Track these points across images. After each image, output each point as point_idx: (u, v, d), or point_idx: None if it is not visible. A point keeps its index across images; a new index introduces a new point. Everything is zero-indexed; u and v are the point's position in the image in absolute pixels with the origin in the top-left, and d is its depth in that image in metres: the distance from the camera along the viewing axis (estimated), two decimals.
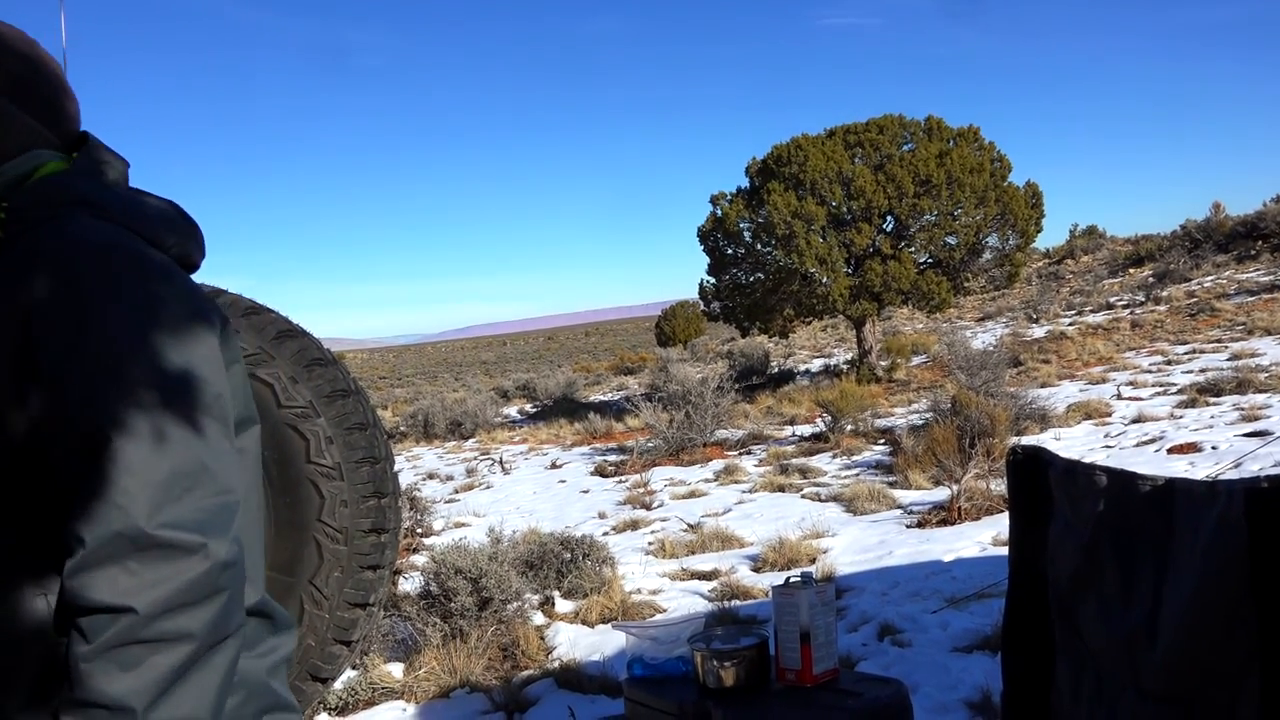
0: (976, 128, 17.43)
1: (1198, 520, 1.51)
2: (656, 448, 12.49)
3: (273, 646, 1.26)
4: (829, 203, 17.06)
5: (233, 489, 1.11)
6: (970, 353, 14.37)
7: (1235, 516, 1.43)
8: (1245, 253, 24.16)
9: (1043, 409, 10.94)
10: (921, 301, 17.49)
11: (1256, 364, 12.23)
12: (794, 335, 24.59)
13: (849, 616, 5.30)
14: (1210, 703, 1.49)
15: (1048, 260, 33.55)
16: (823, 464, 10.54)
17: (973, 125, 17.43)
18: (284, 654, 1.28)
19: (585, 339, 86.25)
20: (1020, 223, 17.35)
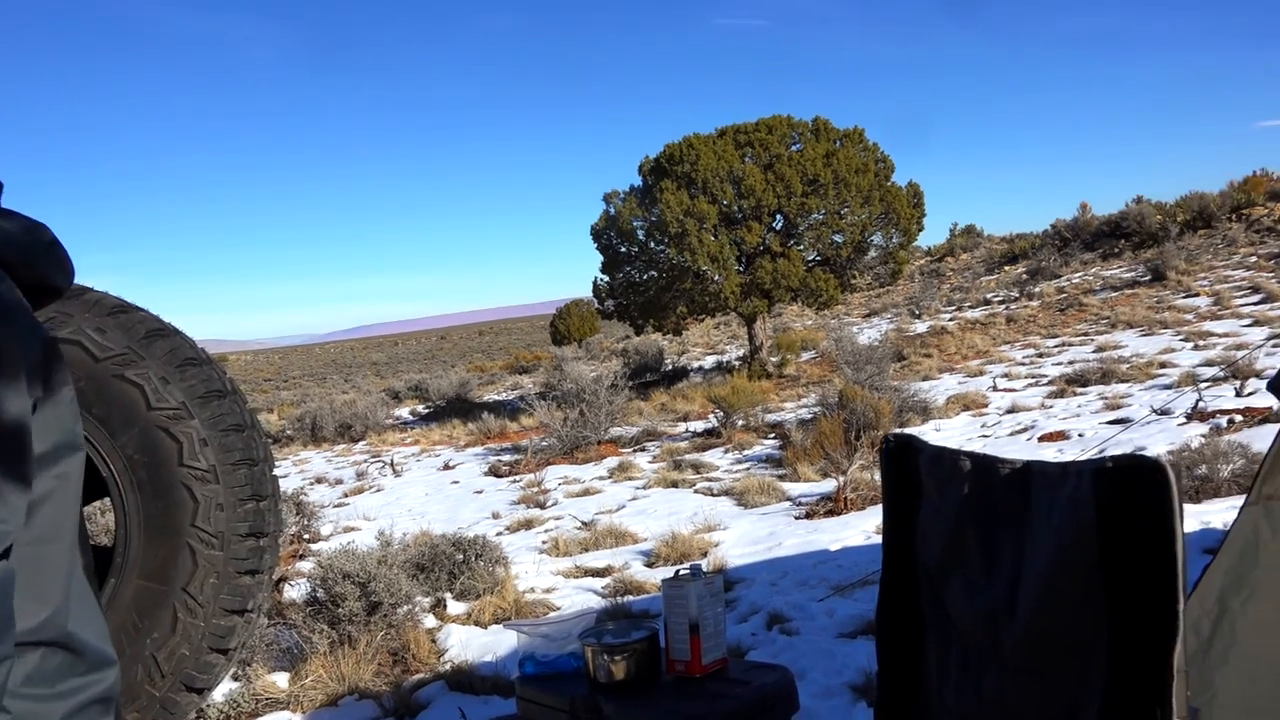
0: (861, 129, 17.93)
1: (1052, 500, 1.59)
2: (551, 446, 12.45)
3: (76, 686, 1.16)
4: (720, 201, 17.30)
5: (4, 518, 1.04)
6: (857, 348, 14.78)
7: (1084, 495, 1.51)
8: (1110, 250, 25.52)
9: (924, 401, 11.35)
10: (810, 298, 17.90)
11: (1119, 355, 12.93)
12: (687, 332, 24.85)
13: (739, 607, 5.39)
14: (1065, 671, 1.58)
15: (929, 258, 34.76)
16: (715, 459, 10.69)
17: (858, 126, 17.93)
18: (93, 695, 1.17)
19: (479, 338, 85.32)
20: (903, 222, 17.93)
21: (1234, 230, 23.30)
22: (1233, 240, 22.57)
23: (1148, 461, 1.43)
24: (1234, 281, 18.10)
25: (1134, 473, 1.45)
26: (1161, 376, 11.01)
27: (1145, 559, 1.44)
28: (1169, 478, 1.40)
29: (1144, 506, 1.43)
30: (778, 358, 18.72)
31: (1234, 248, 21.96)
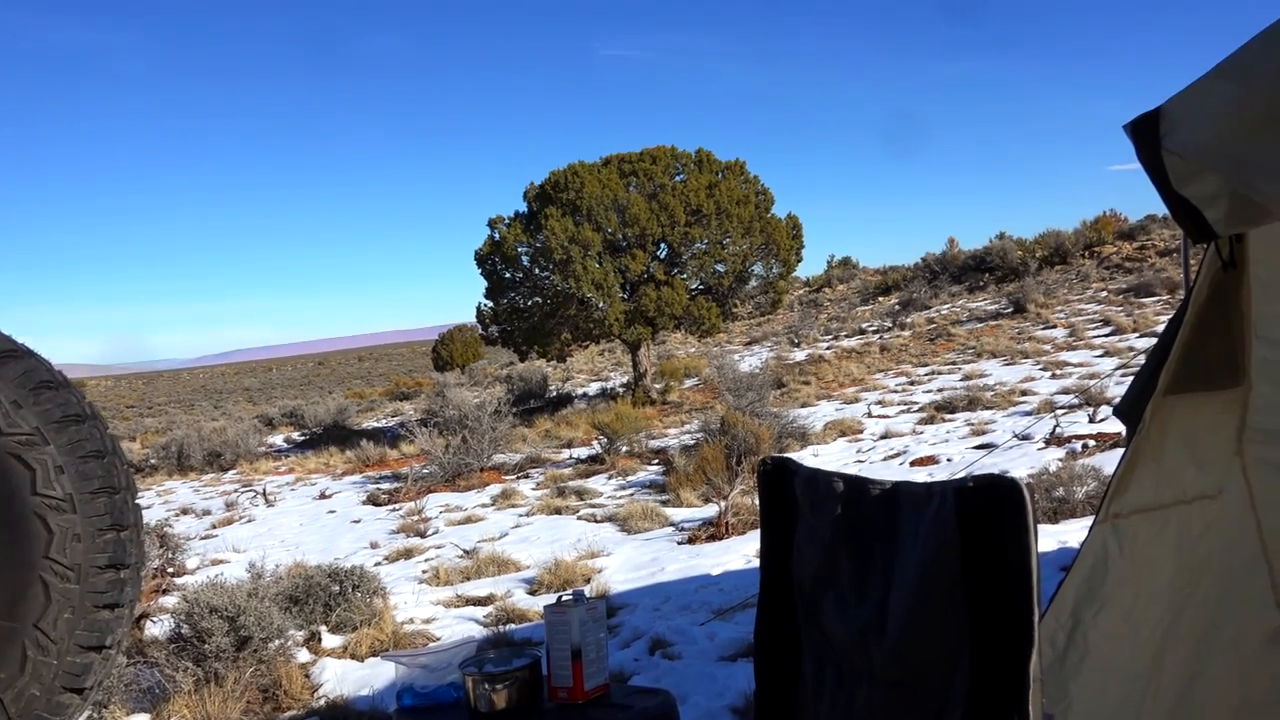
0: (743, 161, 18.37)
1: (918, 519, 1.67)
2: (432, 474, 12.23)
3: None
4: (605, 229, 17.43)
5: None
6: (738, 375, 15.06)
7: (947, 514, 1.59)
8: (975, 283, 26.78)
9: (803, 427, 11.64)
10: (693, 326, 18.17)
11: (984, 383, 13.55)
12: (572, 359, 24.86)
13: (622, 633, 5.39)
14: (932, 683, 1.64)
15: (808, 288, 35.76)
16: (599, 485, 10.69)
17: (739, 159, 18.37)
18: None
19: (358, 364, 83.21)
20: (783, 253, 18.41)
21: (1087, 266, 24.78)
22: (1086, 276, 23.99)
23: (1005, 481, 1.52)
24: (1087, 314, 19.22)
25: (992, 491, 1.53)
26: (1023, 404, 11.58)
27: (1003, 573, 1.52)
28: (1024, 496, 1.48)
29: (1002, 523, 1.51)
30: (661, 384, 18.90)
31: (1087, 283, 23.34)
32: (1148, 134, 1.99)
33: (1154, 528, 2.29)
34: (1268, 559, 2.60)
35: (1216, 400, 2.32)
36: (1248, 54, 1.85)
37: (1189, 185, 1.97)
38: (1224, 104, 1.85)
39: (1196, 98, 1.93)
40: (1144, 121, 2.00)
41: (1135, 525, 2.26)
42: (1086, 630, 2.25)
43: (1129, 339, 15.33)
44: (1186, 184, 1.97)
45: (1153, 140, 1.98)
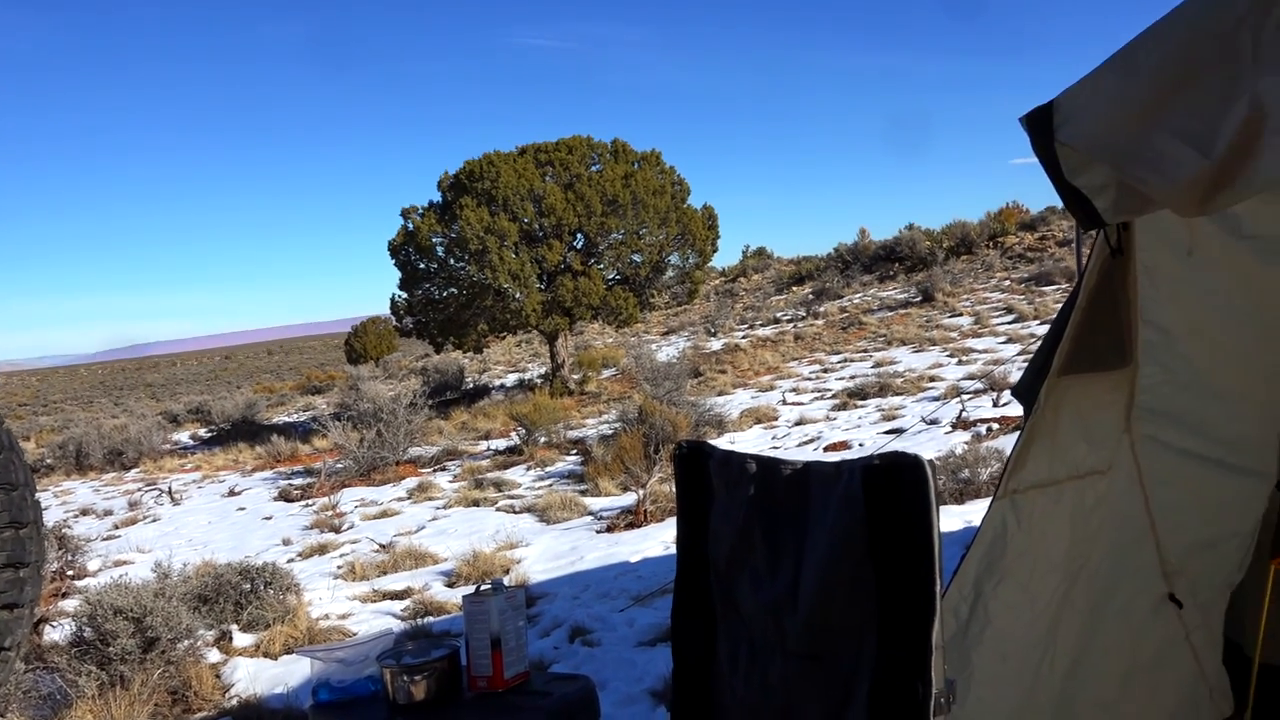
0: (658, 152, 18.44)
1: (828, 497, 1.72)
2: (346, 468, 12.02)
3: None
4: (521, 219, 17.32)
5: None
6: (656, 365, 15.15)
7: (855, 491, 1.65)
8: (886, 273, 27.42)
9: (720, 415, 11.78)
10: (611, 316, 18.20)
11: (894, 370, 13.90)
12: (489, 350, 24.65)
13: (542, 622, 5.40)
14: (841, 654, 1.70)
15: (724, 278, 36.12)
16: (517, 476, 10.66)
17: (655, 150, 18.43)
18: None
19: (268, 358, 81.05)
20: (699, 243, 18.56)
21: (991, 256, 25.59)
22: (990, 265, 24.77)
23: (908, 459, 1.58)
24: (991, 303, 19.86)
25: (897, 469, 1.59)
26: (931, 389, 11.92)
27: (908, 546, 1.58)
28: (926, 472, 1.55)
29: (906, 499, 1.57)
30: (579, 375, 18.90)
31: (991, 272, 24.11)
32: (1042, 126, 2.08)
33: (1049, 502, 2.40)
34: (1155, 531, 2.75)
35: (1106, 380, 2.44)
36: (1133, 50, 1.95)
37: (1080, 175, 2.06)
38: (1111, 98, 1.95)
39: (1087, 92, 2.02)
40: (1038, 114, 2.09)
41: (1032, 500, 2.36)
42: (987, 601, 2.35)
43: (1030, 325, 15.89)
44: (1078, 174, 2.06)
45: (1046, 132, 2.07)
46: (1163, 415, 2.61)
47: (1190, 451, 2.70)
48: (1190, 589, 2.83)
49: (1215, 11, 1.79)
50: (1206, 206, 1.81)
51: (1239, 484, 2.85)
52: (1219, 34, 1.77)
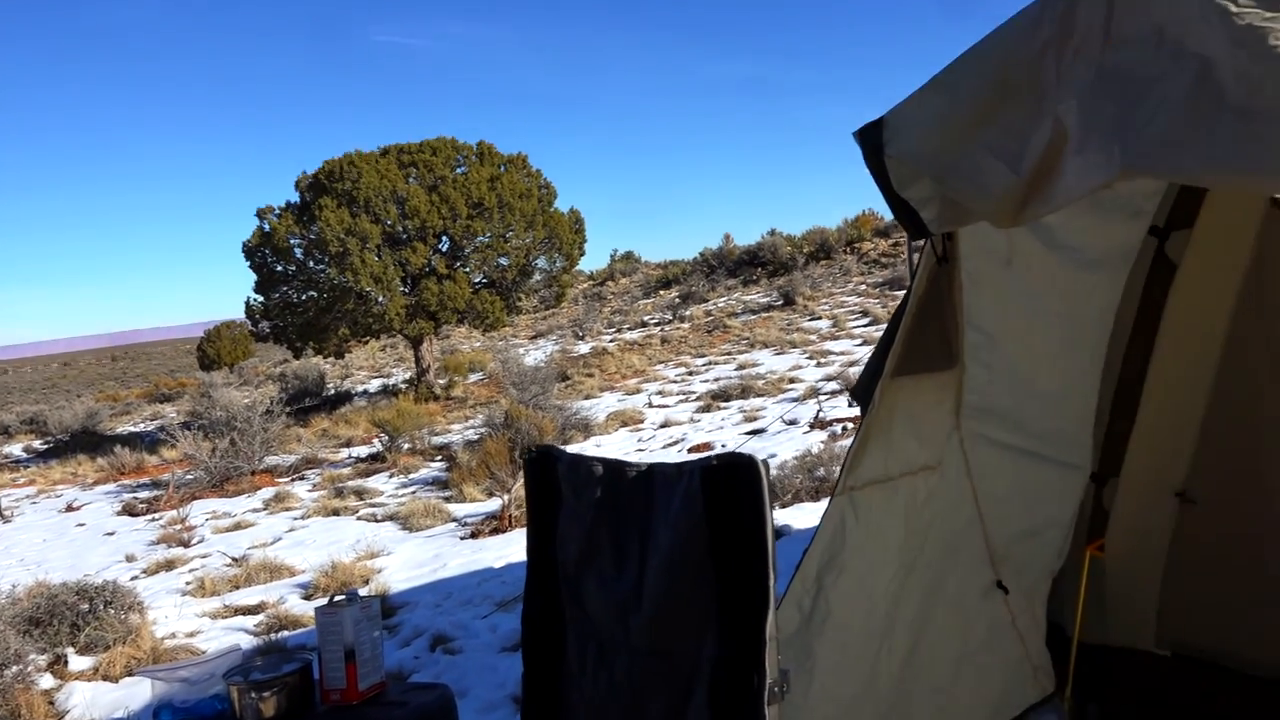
0: (525, 155, 18.37)
1: (670, 497, 1.77)
2: (197, 480, 11.50)
3: None
4: (384, 221, 16.94)
5: None
6: (523, 369, 15.08)
7: (695, 491, 1.70)
8: (749, 277, 28.08)
9: (586, 418, 11.83)
10: (477, 320, 18.00)
11: (756, 372, 14.26)
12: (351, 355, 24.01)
13: (402, 632, 5.32)
14: (684, 650, 1.76)
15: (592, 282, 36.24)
16: (380, 484, 10.43)
17: (521, 153, 18.35)
18: None
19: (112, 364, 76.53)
20: (566, 246, 18.58)
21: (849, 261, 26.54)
22: (848, 270, 25.69)
23: (743, 459, 1.64)
24: (849, 306, 20.60)
25: (733, 469, 1.65)
26: (791, 390, 12.28)
27: (744, 543, 1.64)
28: (760, 471, 1.62)
29: (742, 497, 1.64)
30: (445, 380, 18.62)
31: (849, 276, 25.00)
32: (872, 141, 2.20)
33: (885, 498, 2.53)
34: (983, 521, 2.93)
35: (935, 381, 2.59)
36: (952, 72, 2.09)
37: (908, 188, 2.19)
38: (933, 115, 2.08)
39: (912, 109, 2.15)
40: (869, 130, 2.21)
41: (869, 496, 2.49)
42: (828, 594, 2.46)
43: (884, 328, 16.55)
44: (905, 187, 2.19)
45: (876, 147, 2.19)
46: (987, 413, 2.79)
47: (1013, 446, 2.89)
48: (1016, 575, 3.03)
49: (1024, 38, 1.93)
50: (1019, 218, 1.94)
51: (1057, 476, 3.07)
52: (1027, 59, 1.91)
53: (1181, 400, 3.10)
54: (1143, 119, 1.64)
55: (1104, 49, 1.79)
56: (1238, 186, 1.57)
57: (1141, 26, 1.72)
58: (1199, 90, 1.57)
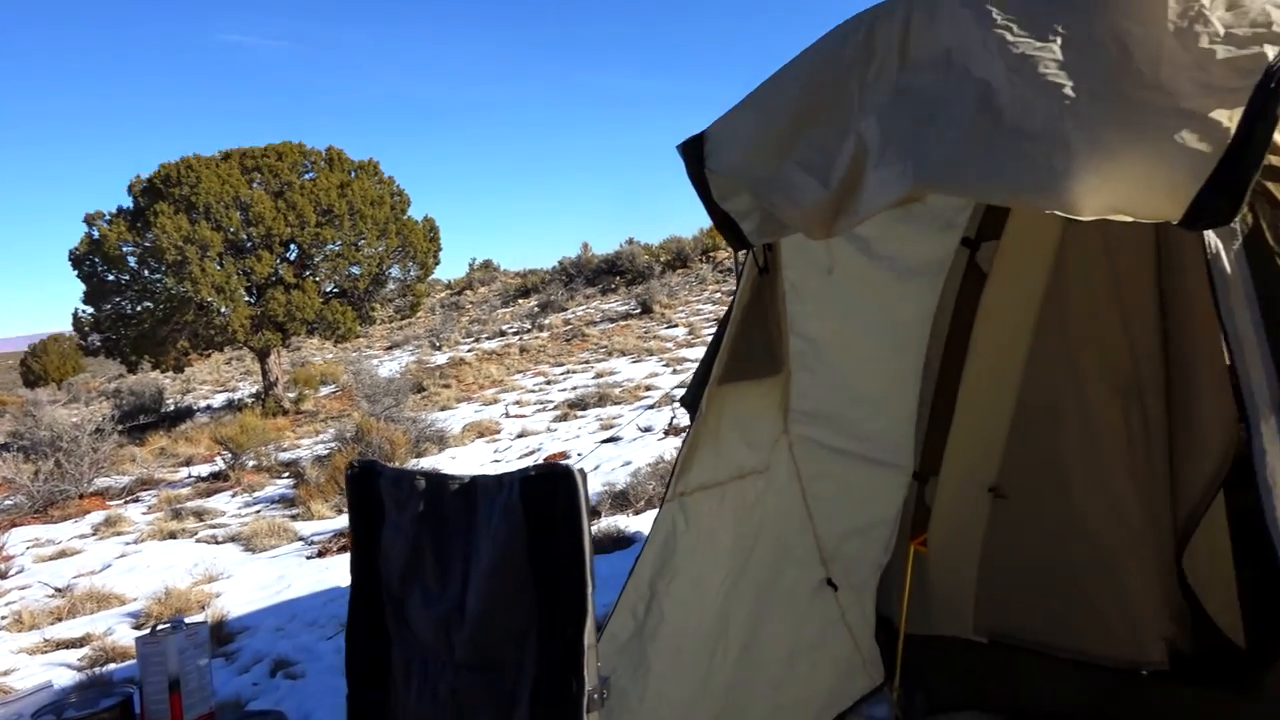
0: (376, 161, 17.96)
1: (492, 508, 1.77)
2: (17, 505, 10.71)
3: None
4: (226, 228, 16.23)
5: None
6: (377, 381, 14.71)
7: (514, 502, 1.70)
8: (608, 286, 28.25)
9: (441, 431, 11.62)
10: (328, 331, 17.47)
11: (614, 380, 14.35)
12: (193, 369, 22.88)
13: (241, 658, 5.10)
14: (507, 662, 1.75)
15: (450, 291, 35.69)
16: (222, 504, 9.97)
17: (373, 159, 17.93)
18: None
19: None
20: (420, 255, 18.25)
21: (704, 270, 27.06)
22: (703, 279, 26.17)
23: (560, 468, 1.66)
24: (704, 314, 20.98)
25: (551, 479, 1.66)
26: (647, 398, 12.41)
27: (562, 553, 1.65)
28: (577, 481, 1.63)
29: (560, 507, 1.65)
30: (295, 393, 17.97)
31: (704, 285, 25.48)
32: (694, 155, 2.25)
33: (714, 502, 2.59)
34: (812, 522, 3.04)
35: (761, 387, 2.67)
36: (766, 89, 2.17)
37: (728, 200, 2.26)
38: (749, 131, 2.15)
39: (730, 124, 2.22)
40: (691, 144, 2.26)
41: (699, 501, 2.55)
42: (662, 599, 2.50)
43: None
44: (726, 199, 2.25)
45: (698, 160, 2.25)
46: (814, 416, 2.90)
47: (838, 449, 3.01)
48: (844, 573, 3.15)
49: (830, 59, 2.02)
50: (831, 231, 2.03)
51: (882, 476, 3.22)
52: (833, 79, 2.00)
53: (993, 401, 3.30)
54: (933, 137, 1.74)
55: (900, 71, 1.90)
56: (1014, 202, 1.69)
57: (933, 51, 1.84)
58: (980, 112, 1.69)
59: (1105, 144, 1.52)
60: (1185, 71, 1.50)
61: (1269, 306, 1.53)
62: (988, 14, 1.72)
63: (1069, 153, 1.54)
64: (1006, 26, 1.69)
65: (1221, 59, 1.47)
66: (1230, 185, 1.44)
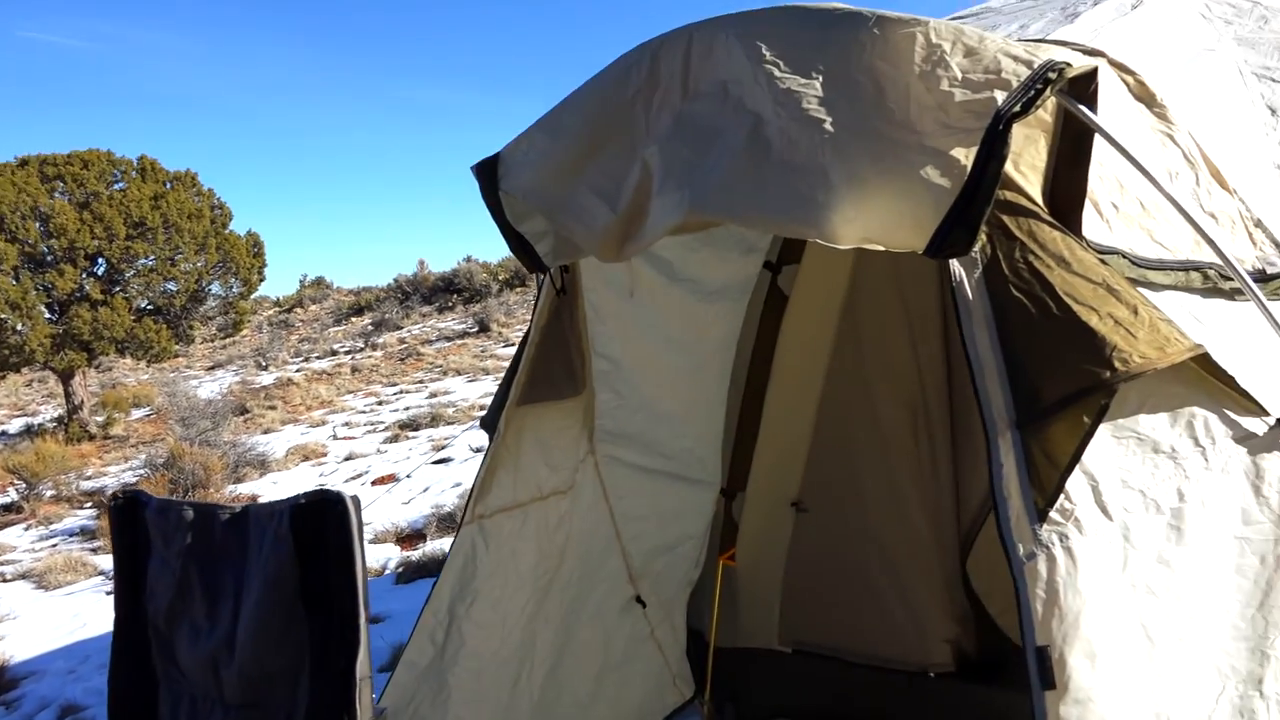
0: (194, 172, 17.04)
1: (263, 539, 1.70)
2: None
3: None
4: (23, 240, 15.03)
5: None
6: (195, 403, 13.93)
7: (284, 532, 1.64)
8: (445, 304, 27.79)
9: (263, 454, 11.11)
10: (140, 350, 16.41)
11: (448, 400, 14.11)
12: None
13: (24, 706, 4.71)
14: (277, 701, 1.68)
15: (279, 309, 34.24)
16: (13, 538, 9.18)
17: (190, 170, 17.00)
18: None
19: None
20: (243, 271, 17.43)
21: None
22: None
23: (332, 495, 1.61)
24: None
25: (322, 507, 1.61)
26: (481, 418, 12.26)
27: (334, 583, 1.61)
28: (348, 508, 1.59)
29: (331, 536, 1.60)
30: (103, 416, 16.78)
31: None
32: (488, 176, 2.25)
33: (516, 524, 2.58)
34: (620, 540, 3.07)
35: (562, 408, 2.68)
36: (558, 113, 2.19)
37: (523, 222, 2.26)
38: (541, 154, 2.17)
39: (523, 147, 2.23)
40: (486, 165, 2.26)
41: (499, 523, 2.53)
42: (461, 624, 2.46)
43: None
44: (521, 221, 2.26)
45: (492, 181, 2.24)
46: (620, 436, 2.93)
47: (645, 467, 3.06)
48: (653, 589, 3.20)
49: (617, 86, 2.06)
50: (621, 255, 2.06)
51: (690, 493, 3.28)
52: (620, 105, 2.04)
53: (795, 419, 3.43)
54: (709, 166, 1.80)
55: (683, 100, 1.95)
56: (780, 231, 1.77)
57: (711, 81, 1.90)
58: (752, 143, 1.76)
59: (860, 177, 1.61)
60: (929, 111, 1.61)
61: (1005, 331, 1.65)
62: (758, 49, 1.79)
63: (829, 185, 1.63)
64: (775, 62, 1.77)
65: (959, 101, 1.59)
66: (967, 219, 1.55)
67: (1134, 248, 1.90)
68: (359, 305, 30.43)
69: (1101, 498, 1.64)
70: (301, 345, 26.33)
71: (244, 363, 24.95)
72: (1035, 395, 1.60)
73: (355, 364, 20.72)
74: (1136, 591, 1.62)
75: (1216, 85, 2.49)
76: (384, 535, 7.33)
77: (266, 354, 24.52)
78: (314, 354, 24.14)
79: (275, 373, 21.80)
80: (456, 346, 20.85)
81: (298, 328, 30.54)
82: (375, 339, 24.12)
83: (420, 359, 19.90)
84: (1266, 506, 1.72)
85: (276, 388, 18.78)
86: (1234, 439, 1.73)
